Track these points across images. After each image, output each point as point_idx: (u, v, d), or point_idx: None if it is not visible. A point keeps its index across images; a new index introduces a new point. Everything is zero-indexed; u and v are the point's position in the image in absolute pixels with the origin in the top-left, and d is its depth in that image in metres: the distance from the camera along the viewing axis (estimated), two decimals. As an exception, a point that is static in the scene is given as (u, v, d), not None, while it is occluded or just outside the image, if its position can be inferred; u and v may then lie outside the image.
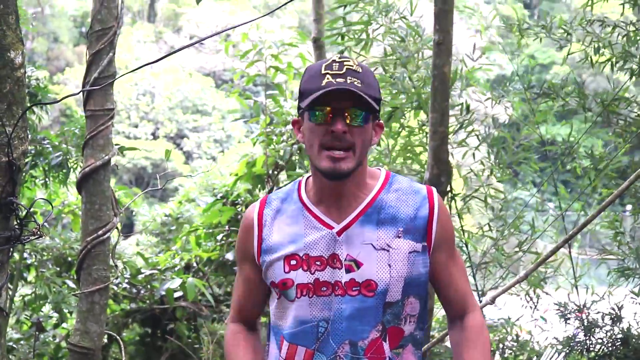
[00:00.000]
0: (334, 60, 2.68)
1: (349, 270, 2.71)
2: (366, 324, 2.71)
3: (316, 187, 2.77)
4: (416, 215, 2.79)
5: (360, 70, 2.66)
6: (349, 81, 2.61)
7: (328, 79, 2.62)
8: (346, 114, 2.62)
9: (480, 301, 6.59)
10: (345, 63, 2.66)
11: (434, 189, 2.88)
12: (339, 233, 2.72)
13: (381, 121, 2.82)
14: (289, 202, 2.82)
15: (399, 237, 2.75)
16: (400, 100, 6.58)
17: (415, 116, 6.84)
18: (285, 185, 2.94)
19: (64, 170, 7.82)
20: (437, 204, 2.83)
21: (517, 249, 6.95)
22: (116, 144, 5.56)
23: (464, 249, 6.85)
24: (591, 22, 6.76)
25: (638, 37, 6.51)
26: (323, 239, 2.72)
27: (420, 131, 6.95)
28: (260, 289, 2.92)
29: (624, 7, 6.67)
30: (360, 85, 2.61)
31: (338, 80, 2.61)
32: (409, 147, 6.93)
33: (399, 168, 6.88)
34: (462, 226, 6.93)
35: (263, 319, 4.93)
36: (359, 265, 2.71)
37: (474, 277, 6.84)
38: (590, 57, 6.67)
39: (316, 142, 2.66)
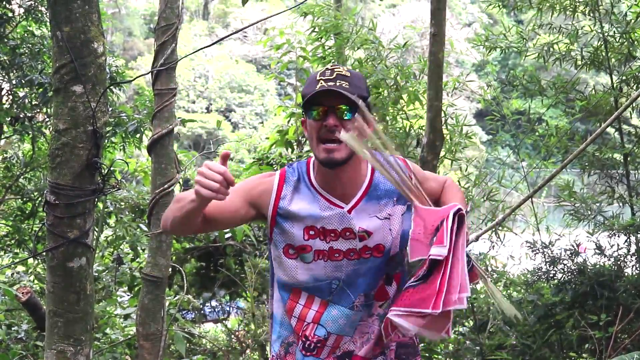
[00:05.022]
0: (327, 69, 2.70)
1: (362, 239, 2.73)
2: (376, 277, 2.77)
3: (321, 173, 2.76)
4: None
5: (349, 75, 2.67)
6: (337, 84, 2.61)
7: (321, 83, 2.63)
8: (336, 111, 2.62)
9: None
10: (336, 70, 2.68)
11: (406, 159, 2.89)
12: (349, 211, 2.72)
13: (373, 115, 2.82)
14: (302, 184, 2.78)
15: (395, 205, 2.79)
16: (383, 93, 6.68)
17: (409, 104, 6.87)
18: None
19: (138, 135, 7.86)
20: (412, 168, 2.84)
21: (483, 199, 6.95)
22: (178, 117, 5.57)
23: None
24: (541, 26, 6.79)
25: (575, 39, 6.62)
26: (336, 216, 2.72)
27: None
28: (233, 213, 2.72)
29: (565, 14, 6.72)
30: (347, 86, 2.61)
31: (329, 84, 2.61)
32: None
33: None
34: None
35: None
36: (369, 234, 2.73)
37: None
38: (544, 56, 6.71)
39: (314, 136, 2.67)
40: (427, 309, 2.35)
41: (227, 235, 7.42)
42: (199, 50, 6.45)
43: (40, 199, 7.97)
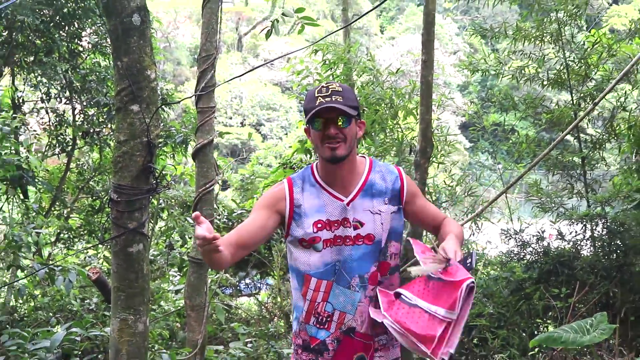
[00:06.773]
0: (322, 86, 2.71)
1: (355, 228, 2.75)
2: (369, 262, 2.77)
3: (324, 172, 2.79)
4: (393, 187, 2.84)
5: (341, 90, 2.69)
6: (333, 99, 2.64)
7: (319, 100, 2.65)
8: (335, 121, 2.66)
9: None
10: (330, 87, 2.69)
11: (402, 169, 2.92)
12: (348, 204, 2.75)
13: (363, 120, 2.85)
14: (308, 183, 2.81)
15: (386, 204, 2.80)
16: (382, 109, 6.69)
17: (404, 119, 6.90)
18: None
19: (185, 145, 7.90)
20: (405, 179, 2.87)
21: (465, 194, 6.96)
22: (217, 130, 5.59)
23: (435, 195, 6.86)
24: (514, 53, 6.81)
25: (542, 63, 6.63)
26: (337, 208, 2.76)
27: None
28: (261, 228, 2.76)
29: (534, 43, 6.73)
30: (341, 100, 2.65)
31: (326, 99, 2.64)
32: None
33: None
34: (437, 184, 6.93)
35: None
36: (362, 224, 2.76)
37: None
38: (517, 78, 6.72)
39: (318, 141, 2.71)
40: (427, 348, 2.45)
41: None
42: (235, 77, 6.54)
43: (106, 197, 8.03)
